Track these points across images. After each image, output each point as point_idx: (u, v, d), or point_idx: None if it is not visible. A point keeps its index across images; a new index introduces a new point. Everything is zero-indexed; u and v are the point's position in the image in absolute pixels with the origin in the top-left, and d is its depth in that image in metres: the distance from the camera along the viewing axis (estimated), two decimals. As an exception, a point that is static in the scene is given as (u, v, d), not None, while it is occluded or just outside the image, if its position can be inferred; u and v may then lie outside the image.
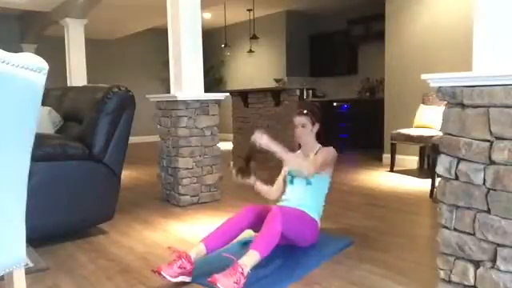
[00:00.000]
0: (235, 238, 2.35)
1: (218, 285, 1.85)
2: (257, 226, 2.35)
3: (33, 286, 2.12)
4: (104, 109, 2.87)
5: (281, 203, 2.67)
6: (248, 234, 2.47)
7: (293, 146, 6.22)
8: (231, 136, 7.48)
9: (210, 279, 1.89)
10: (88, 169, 2.81)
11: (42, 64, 1.15)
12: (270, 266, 2.27)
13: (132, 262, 2.46)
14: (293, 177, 2.67)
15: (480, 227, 1.50)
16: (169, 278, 2.03)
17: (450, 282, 1.60)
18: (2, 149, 1.11)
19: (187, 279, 2.10)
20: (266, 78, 9.06)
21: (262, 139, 2.46)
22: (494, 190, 1.46)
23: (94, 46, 8.57)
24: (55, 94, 3.73)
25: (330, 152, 2.66)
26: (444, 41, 5.06)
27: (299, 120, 2.68)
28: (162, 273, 2.02)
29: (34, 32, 8.32)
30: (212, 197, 3.91)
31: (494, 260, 1.47)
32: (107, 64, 9.55)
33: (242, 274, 1.93)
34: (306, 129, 2.67)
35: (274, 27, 9.06)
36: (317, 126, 2.71)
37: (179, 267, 2.06)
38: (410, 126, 4.97)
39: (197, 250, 2.17)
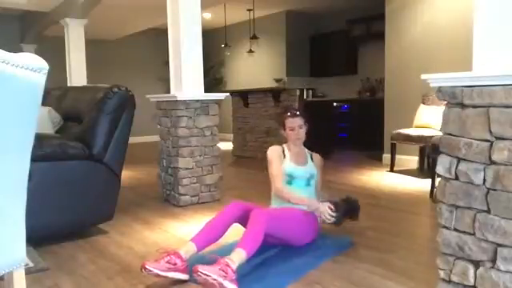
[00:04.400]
0: (224, 233, 2.35)
1: (200, 270, 1.87)
2: (244, 221, 2.37)
3: (33, 285, 2.12)
4: (104, 109, 2.87)
5: (276, 205, 2.67)
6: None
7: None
8: (231, 136, 7.48)
9: (192, 269, 1.91)
10: (88, 169, 2.81)
11: (42, 64, 1.15)
12: (269, 265, 2.27)
13: (132, 261, 2.46)
14: (292, 178, 2.67)
15: (480, 227, 1.50)
16: (156, 271, 2.02)
17: (449, 281, 1.60)
18: (2, 149, 1.11)
19: (183, 276, 2.09)
20: (266, 78, 9.06)
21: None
22: (494, 189, 1.46)
23: (94, 46, 8.56)
24: (55, 93, 3.73)
25: (322, 160, 2.86)
26: (444, 41, 5.06)
27: (297, 121, 2.69)
28: (147, 266, 2.02)
29: (34, 32, 8.32)
30: (212, 197, 3.91)
31: (493, 260, 1.47)
32: (107, 64, 9.54)
33: (228, 265, 1.94)
34: (302, 129, 2.71)
35: (274, 27, 9.06)
36: (307, 126, 2.75)
37: (167, 262, 2.06)
38: (409, 126, 4.97)
39: (186, 249, 2.17)
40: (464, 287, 1.56)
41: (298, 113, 2.71)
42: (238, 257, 2.02)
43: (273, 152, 2.77)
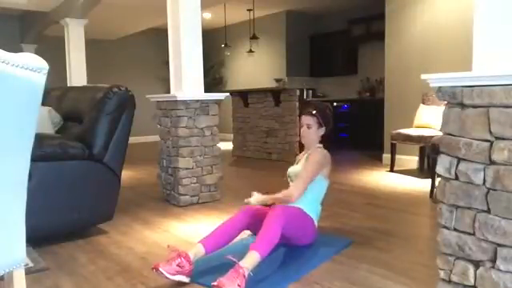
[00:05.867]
0: (233, 238, 2.35)
1: None
2: (255, 227, 2.35)
3: (33, 285, 2.12)
4: (104, 109, 2.87)
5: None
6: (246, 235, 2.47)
7: (291, 145, 6.24)
8: (231, 136, 7.48)
9: (215, 283, 1.86)
10: (88, 169, 2.81)
11: (42, 64, 1.15)
12: (269, 266, 2.27)
13: (132, 262, 2.46)
14: (291, 177, 2.68)
15: (480, 227, 1.50)
16: (166, 274, 2.02)
17: (449, 282, 1.60)
18: (2, 149, 1.11)
19: (185, 279, 2.09)
20: (266, 78, 9.06)
21: (252, 201, 2.53)
22: (494, 189, 1.46)
23: (94, 46, 8.57)
24: (55, 94, 3.73)
25: (315, 156, 2.59)
26: (444, 41, 5.06)
27: (305, 120, 2.66)
28: (160, 269, 2.02)
29: (34, 32, 8.32)
30: (212, 197, 3.91)
31: (493, 260, 1.47)
32: (107, 64, 9.54)
33: (244, 276, 1.93)
34: (310, 130, 2.64)
35: (274, 27, 9.06)
36: (323, 129, 2.67)
37: (177, 265, 2.06)
38: (410, 126, 4.97)
39: (195, 251, 2.17)
40: (464, 287, 1.56)
41: (313, 112, 2.63)
42: (252, 261, 2.01)
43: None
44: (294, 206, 2.52)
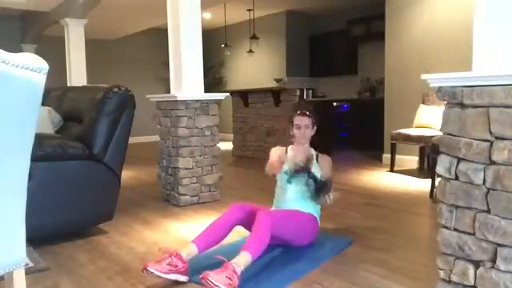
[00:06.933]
0: (226, 236, 2.35)
1: (209, 278, 1.86)
2: (246, 223, 2.37)
3: (33, 285, 2.13)
4: (104, 109, 2.87)
5: (277, 204, 2.67)
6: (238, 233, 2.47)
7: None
8: (231, 136, 7.48)
9: (201, 276, 1.90)
10: (88, 169, 2.81)
11: (42, 64, 1.15)
12: (269, 265, 2.27)
13: (132, 262, 2.46)
14: (290, 177, 2.66)
15: (480, 227, 1.50)
16: (157, 273, 2.03)
17: (449, 282, 1.60)
18: (2, 149, 1.11)
19: (182, 278, 2.10)
20: (266, 78, 9.05)
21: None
22: (494, 189, 1.46)
23: (94, 46, 8.56)
24: (55, 94, 3.73)
25: (330, 161, 2.75)
26: (444, 41, 5.06)
27: (304, 120, 2.68)
28: (149, 268, 2.02)
29: (34, 32, 8.32)
30: (212, 197, 3.91)
31: (493, 260, 1.47)
32: (107, 64, 9.53)
33: (234, 271, 1.94)
34: (308, 130, 2.69)
35: (274, 27, 9.06)
36: (315, 129, 2.73)
37: (168, 264, 2.06)
38: (409, 126, 4.97)
39: (188, 251, 2.17)
40: (464, 287, 1.56)
41: (307, 113, 2.69)
42: (243, 260, 2.02)
43: (273, 152, 2.80)
44: (292, 209, 2.52)
